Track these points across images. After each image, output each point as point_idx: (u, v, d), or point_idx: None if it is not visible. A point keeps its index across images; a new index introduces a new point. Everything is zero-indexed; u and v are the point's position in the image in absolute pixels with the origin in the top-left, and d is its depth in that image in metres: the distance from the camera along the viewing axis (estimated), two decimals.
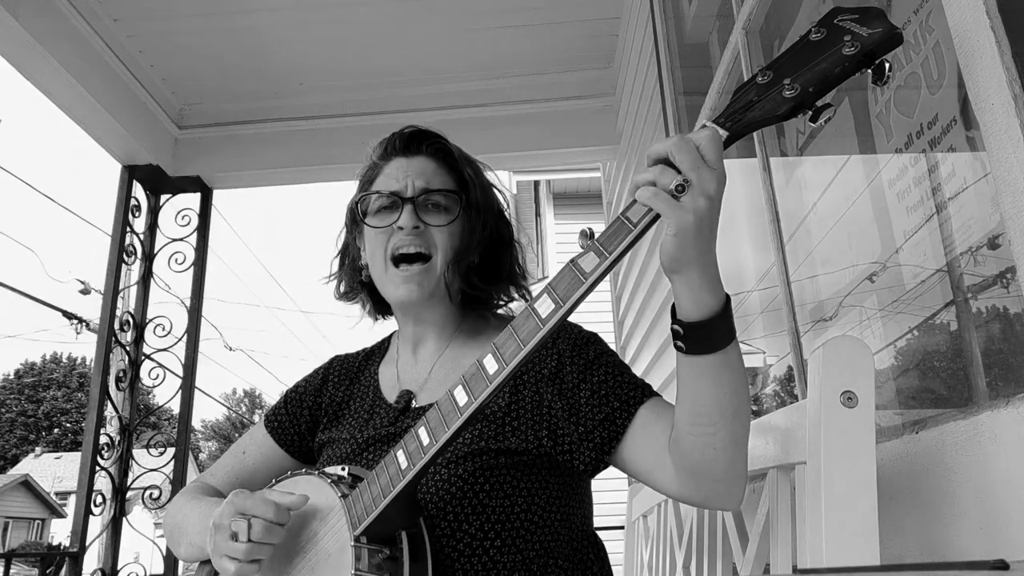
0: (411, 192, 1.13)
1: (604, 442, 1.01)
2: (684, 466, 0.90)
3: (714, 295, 0.79)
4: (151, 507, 3.20)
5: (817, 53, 0.75)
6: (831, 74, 0.74)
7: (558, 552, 1.03)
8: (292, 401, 1.26)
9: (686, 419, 0.87)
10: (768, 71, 0.77)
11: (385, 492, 0.91)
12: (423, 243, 1.12)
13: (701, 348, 0.81)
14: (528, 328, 0.81)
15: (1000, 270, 0.97)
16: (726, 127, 0.77)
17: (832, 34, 0.75)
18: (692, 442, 0.87)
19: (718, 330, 0.81)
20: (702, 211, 0.74)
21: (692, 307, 0.80)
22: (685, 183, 0.74)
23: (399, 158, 1.18)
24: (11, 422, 43.28)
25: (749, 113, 0.77)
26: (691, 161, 0.74)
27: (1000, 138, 0.82)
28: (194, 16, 3.09)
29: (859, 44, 0.73)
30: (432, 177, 1.16)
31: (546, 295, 0.81)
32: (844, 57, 0.73)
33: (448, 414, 0.86)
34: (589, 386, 1.04)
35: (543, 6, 3.12)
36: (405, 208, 1.12)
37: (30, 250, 18.26)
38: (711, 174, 0.74)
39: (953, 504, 0.90)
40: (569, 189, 8.12)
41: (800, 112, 0.76)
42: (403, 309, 1.19)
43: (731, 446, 0.85)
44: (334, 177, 3.63)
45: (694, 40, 2.62)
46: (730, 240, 2.18)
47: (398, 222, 1.11)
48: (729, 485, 0.89)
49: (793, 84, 0.75)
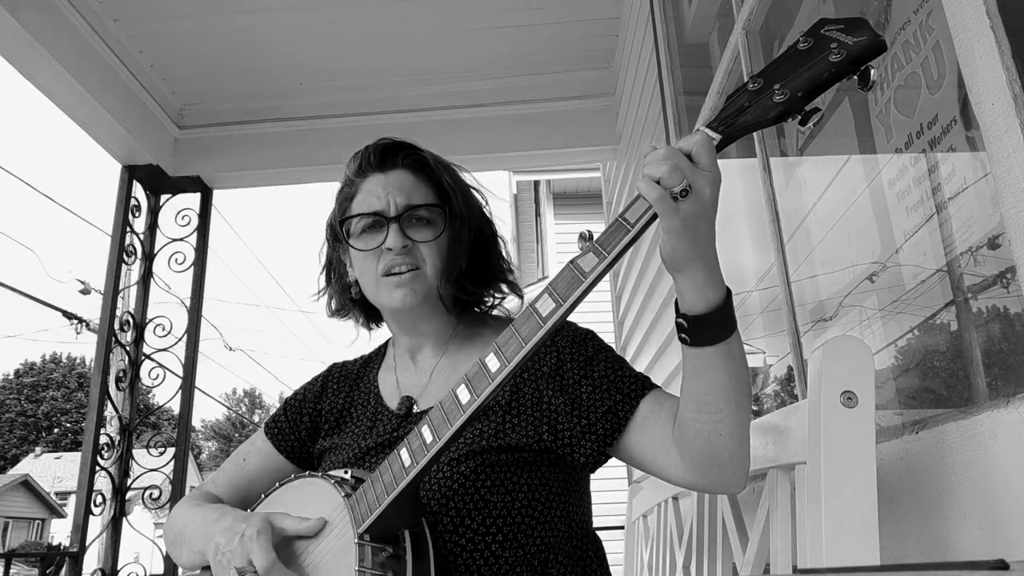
0: (394, 211, 1.12)
1: (607, 434, 1.03)
2: (690, 453, 0.93)
3: (715, 289, 0.83)
4: (151, 507, 3.21)
5: (805, 60, 0.78)
6: (819, 80, 0.77)
7: (558, 548, 1.04)
8: (292, 408, 1.27)
9: (692, 408, 0.90)
10: (759, 78, 0.81)
11: (388, 490, 0.91)
12: (412, 261, 1.12)
13: (704, 339, 0.85)
14: (529, 327, 0.84)
15: (1000, 270, 0.97)
16: (719, 131, 0.81)
17: (819, 43, 0.78)
18: (698, 429, 0.90)
19: (720, 322, 0.85)
20: (699, 214, 0.78)
21: (695, 301, 0.84)
22: (689, 188, 0.77)
23: (376, 174, 1.17)
24: (11, 422, 43.29)
25: (741, 118, 0.80)
26: (685, 168, 0.78)
27: (1000, 138, 0.82)
28: (194, 16, 3.09)
29: (845, 51, 0.76)
30: (413, 192, 1.15)
31: (547, 295, 0.84)
32: (831, 64, 0.77)
33: (451, 412, 0.88)
34: (590, 381, 1.06)
35: (543, 6, 3.12)
36: (391, 228, 1.11)
37: (30, 250, 18.29)
38: (705, 177, 0.78)
39: (953, 504, 0.90)
40: (569, 189, 8.12)
41: (790, 116, 0.79)
42: (398, 319, 1.19)
43: (735, 432, 0.89)
44: (334, 177, 3.59)
45: (694, 40, 2.62)
46: (730, 240, 2.18)
47: (385, 243, 1.11)
48: (734, 470, 0.92)
49: (783, 89, 0.78)
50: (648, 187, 0.78)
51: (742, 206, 2.11)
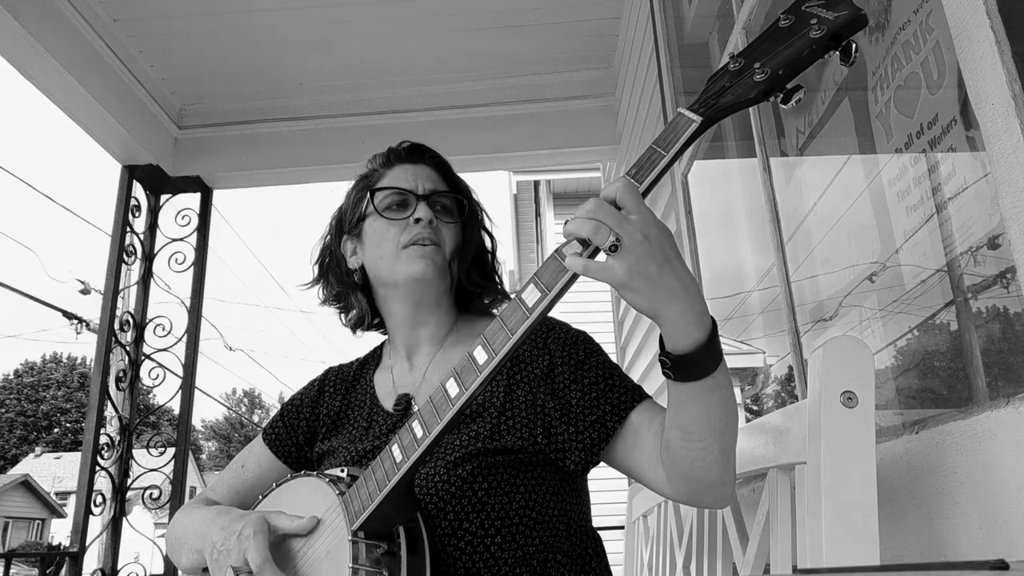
0: (423, 191, 1.20)
1: (593, 443, 1.03)
2: (676, 474, 0.93)
3: (699, 326, 0.79)
4: (151, 507, 3.21)
5: (786, 38, 0.77)
6: (799, 56, 0.76)
7: (558, 548, 1.04)
8: (289, 413, 1.28)
9: (677, 435, 0.89)
10: (739, 58, 0.79)
11: (381, 486, 0.91)
12: (435, 236, 1.17)
13: (689, 376, 0.82)
14: (516, 317, 0.82)
15: (1000, 270, 0.97)
16: (700, 113, 0.78)
17: (800, 19, 0.77)
18: (683, 455, 0.89)
19: (705, 359, 0.81)
20: (640, 260, 0.74)
21: (679, 340, 0.80)
22: (617, 241, 0.74)
23: (404, 164, 1.25)
24: (11, 422, 43.28)
25: (722, 99, 0.78)
26: (612, 220, 0.74)
27: (1000, 138, 0.82)
28: (194, 16, 3.09)
29: (825, 27, 0.75)
30: (438, 182, 1.24)
31: (532, 284, 0.82)
32: (811, 40, 0.75)
33: (440, 405, 0.87)
34: (580, 387, 1.05)
35: (543, 6, 3.12)
36: (420, 204, 1.18)
37: (30, 250, 18.28)
38: (633, 225, 0.74)
39: (953, 504, 0.90)
40: (569, 189, 8.11)
41: (772, 95, 0.77)
42: (407, 297, 1.19)
43: (720, 456, 0.88)
44: (334, 177, 3.63)
45: (694, 40, 2.62)
46: (730, 240, 2.18)
47: (415, 214, 1.17)
48: (721, 488, 0.92)
49: (763, 68, 0.76)
50: (573, 261, 0.76)
51: (742, 206, 2.11)
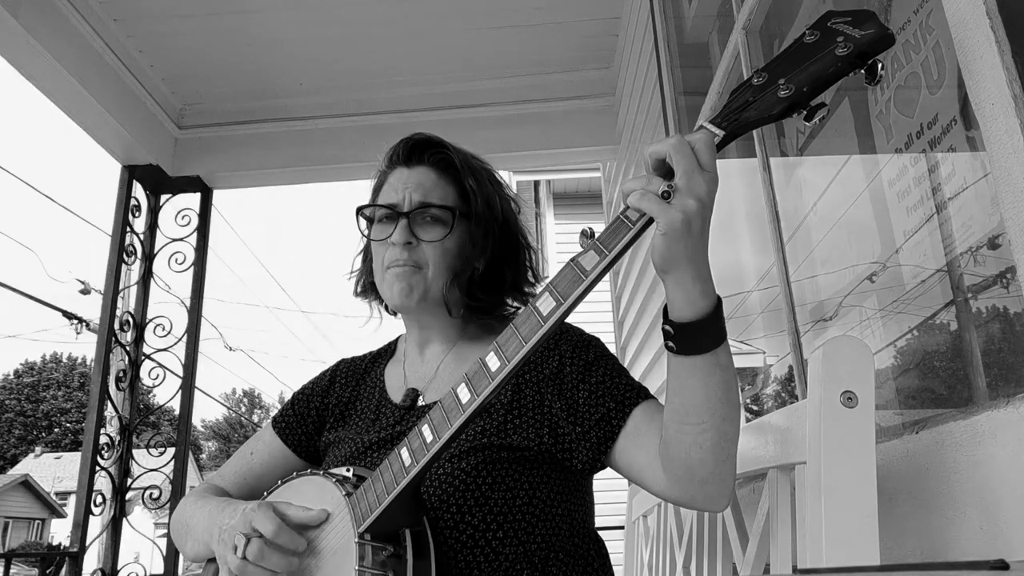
0: (407, 206, 1.14)
1: (600, 442, 1.02)
2: (671, 467, 0.91)
3: (706, 296, 0.80)
4: (151, 507, 3.21)
5: (811, 54, 0.76)
6: (825, 74, 0.75)
7: (559, 546, 1.04)
8: (299, 402, 1.28)
9: (674, 418, 0.87)
10: (763, 72, 0.78)
11: (389, 489, 0.91)
12: (413, 259, 1.13)
13: (691, 348, 0.82)
14: (530, 326, 0.83)
15: (1000, 270, 0.97)
16: (723, 127, 0.78)
17: (826, 36, 0.76)
18: (679, 441, 0.87)
19: (709, 331, 0.81)
20: (692, 212, 0.75)
21: (684, 308, 0.81)
22: (671, 188, 0.75)
23: (401, 168, 1.19)
24: (11, 422, 43.28)
25: (745, 113, 0.78)
26: (687, 163, 0.76)
27: (1000, 138, 0.82)
28: (194, 16, 3.09)
29: (852, 45, 0.74)
30: (431, 190, 1.16)
31: (547, 293, 0.82)
32: (837, 58, 0.75)
33: (451, 411, 0.87)
34: (587, 387, 1.06)
35: (543, 6, 3.12)
36: (399, 223, 1.13)
37: (30, 250, 18.26)
38: (703, 177, 0.76)
39: (953, 504, 0.90)
40: (569, 189, 8.10)
41: (795, 111, 0.77)
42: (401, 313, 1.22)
43: (717, 447, 0.86)
44: (334, 177, 3.63)
45: (694, 40, 2.62)
46: (730, 240, 2.18)
47: (391, 237, 1.13)
48: (717, 487, 0.89)
49: (788, 84, 0.76)
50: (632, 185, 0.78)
51: (742, 206, 2.11)
